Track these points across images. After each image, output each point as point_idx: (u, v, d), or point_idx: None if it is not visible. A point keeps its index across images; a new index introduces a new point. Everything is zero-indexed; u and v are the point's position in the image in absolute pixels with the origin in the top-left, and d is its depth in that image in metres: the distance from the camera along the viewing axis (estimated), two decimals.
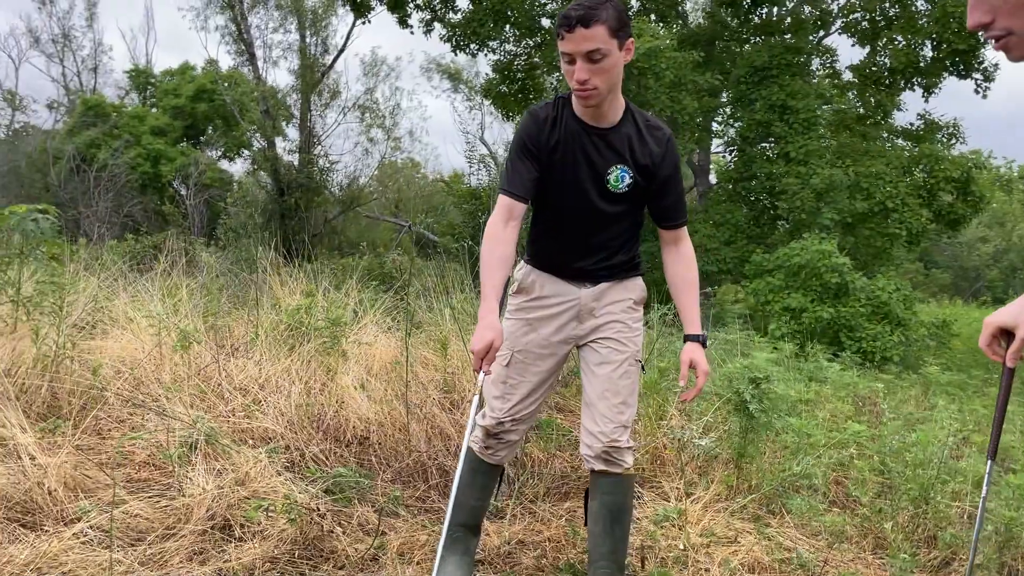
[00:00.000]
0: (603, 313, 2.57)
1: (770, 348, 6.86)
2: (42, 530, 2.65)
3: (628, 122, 2.47)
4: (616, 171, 2.46)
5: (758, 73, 14.14)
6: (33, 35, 34.91)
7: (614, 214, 2.52)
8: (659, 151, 2.48)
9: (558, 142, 2.43)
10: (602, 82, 2.30)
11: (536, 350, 2.56)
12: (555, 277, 2.59)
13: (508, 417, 2.57)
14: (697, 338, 2.56)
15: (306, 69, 24.87)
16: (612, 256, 2.58)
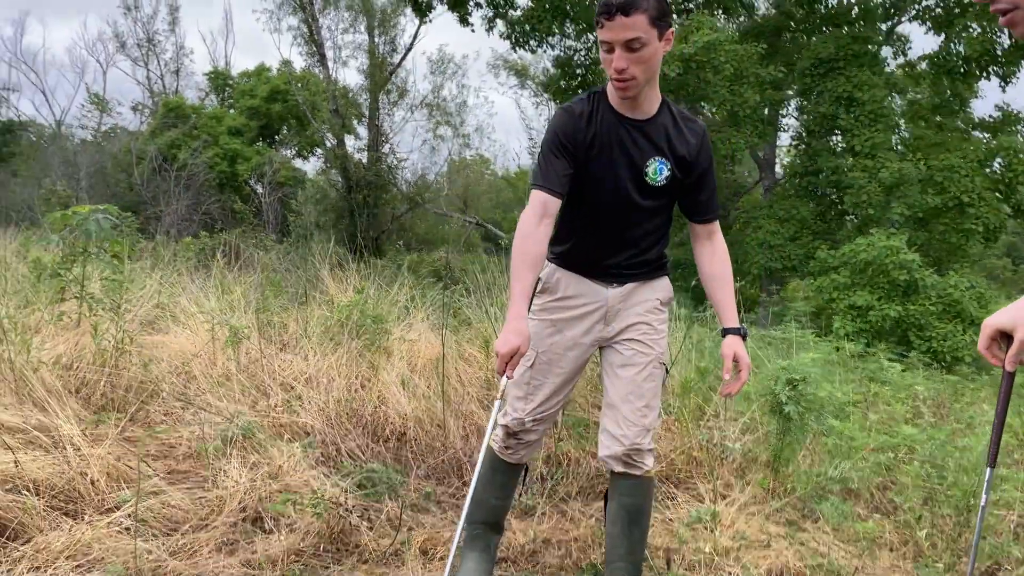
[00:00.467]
0: (629, 314, 2.54)
1: (831, 347, 6.69)
2: (82, 518, 2.78)
3: (664, 113, 2.44)
4: (654, 163, 2.43)
5: (824, 65, 13.75)
6: (119, 40, 36.32)
7: (650, 208, 2.49)
8: (695, 143, 2.46)
9: (595, 136, 2.40)
10: (640, 72, 2.27)
11: (560, 352, 2.54)
12: (581, 277, 2.56)
13: (530, 418, 2.57)
14: (737, 331, 2.53)
15: (374, 68, 25.26)
16: (643, 253, 2.55)
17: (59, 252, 4.99)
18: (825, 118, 13.70)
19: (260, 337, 4.82)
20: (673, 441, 3.93)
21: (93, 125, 34.84)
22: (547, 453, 3.83)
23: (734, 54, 12.00)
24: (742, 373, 2.51)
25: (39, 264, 5.25)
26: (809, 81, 14.07)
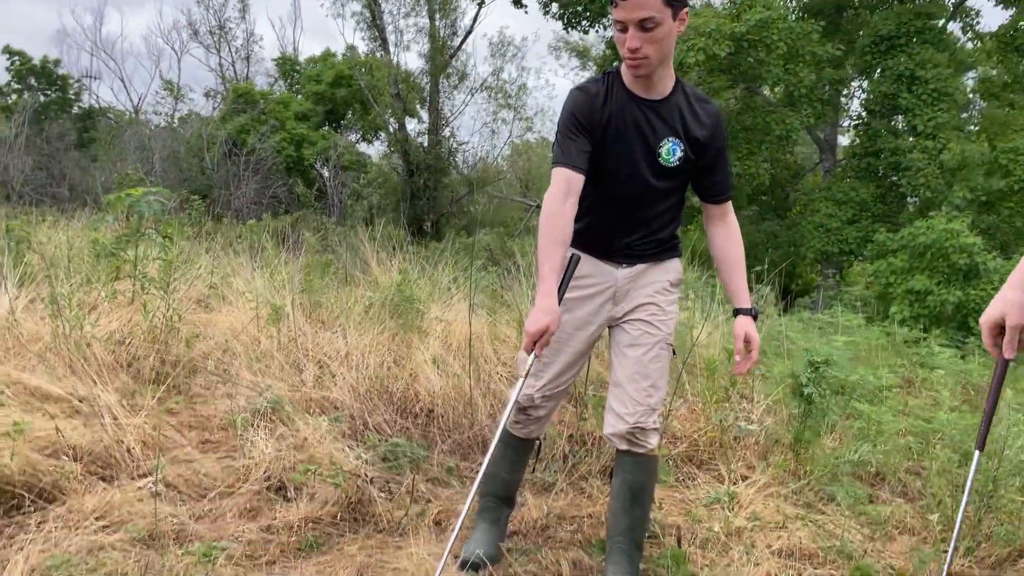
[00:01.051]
0: (638, 294, 2.57)
1: (881, 332, 6.57)
2: (115, 483, 2.95)
3: (679, 94, 2.45)
4: (668, 144, 2.44)
5: (885, 42, 13.28)
6: (192, 28, 37.24)
7: (663, 189, 2.51)
8: (709, 124, 2.47)
9: (610, 116, 2.41)
10: (654, 51, 2.29)
11: (570, 331, 2.58)
12: (592, 257, 2.59)
13: (539, 394, 2.63)
14: (749, 311, 2.56)
15: (435, 52, 25.42)
16: (655, 233, 2.57)
17: (115, 232, 5.22)
18: (886, 97, 13.26)
19: (300, 315, 4.98)
20: (696, 422, 3.94)
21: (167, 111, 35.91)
22: (570, 432, 3.88)
23: (788, 32, 11.70)
24: (752, 353, 2.53)
25: (97, 244, 5.51)
26: (869, 59, 13.62)
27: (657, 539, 2.95)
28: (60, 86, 35.64)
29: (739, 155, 13.31)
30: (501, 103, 27.88)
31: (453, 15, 26.10)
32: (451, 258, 6.84)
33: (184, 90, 35.38)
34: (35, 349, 4.05)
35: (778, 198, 15.93)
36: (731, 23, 12.00)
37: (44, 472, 2.87)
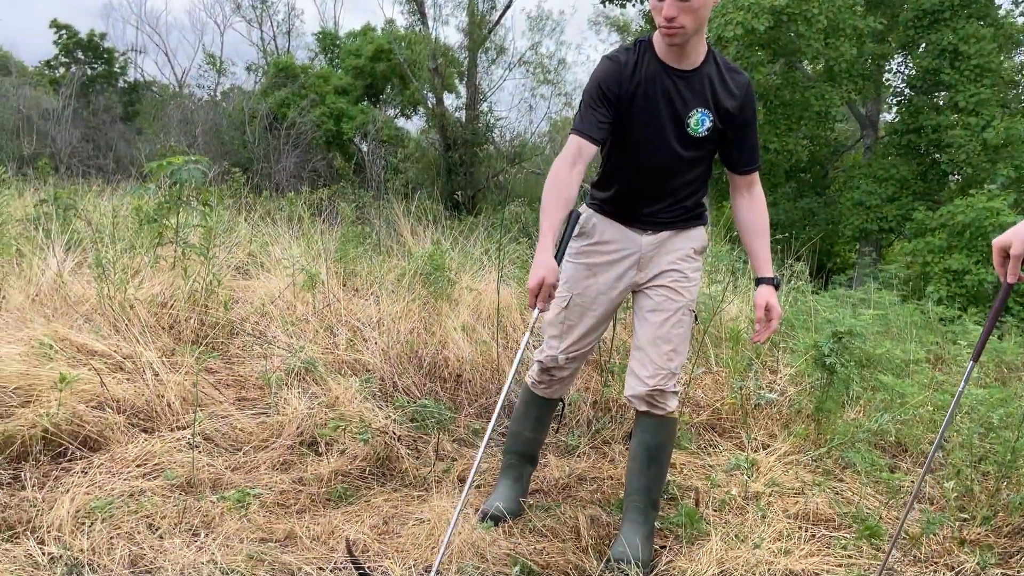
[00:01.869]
0: (662, 261, 2.62)
1: (914, 309, 6.52)
2: (157, 435, 3.09)
3: (710, 64, 2.48)
4: (697, 114, 2.47)
5: (928, 16, 12.97)
6: (235, 2, 37.56)
7: (690, 159, 2.54)
8: (740, 94, 2.48)
9: (638, 85, 2.45)
10: (690, 21, 2.32)
11: (594, 295, 2.64)
12: (618, 223, 2.64)
13: (563, 355, 2.70)
14: (771, 280, 2.58)
15: (474, 26, 25.37)
16: (681, 202, 2.61)
17: (157, 199, 5.38)
18: (928, 73, 12.98)
19: (335, 283, 5.11)
20: (720, 391, 3.99)
21: (210, 85, 36.32)
22: (595, 398, 3.96)
23: (829, 4, 11.49)
24: (772, 322, 2.56)
25: (140, 211, 5.68)
26: (912, 33, 13.33)
27: (675, 500, 3.02)
28: (106, 59, 36.15)
29: (778, 131, 13.15)
30: (539, 79, 27.77)
31: None
32: (484, 231, 6.93)
33: (227, 63, 35.71)
34: (81, 311, 4.22)
35: (817, 175, 15.69)
36: None
37: (89, 423, 3.02)
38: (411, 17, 27.49)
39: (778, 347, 4.51)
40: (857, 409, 3.92)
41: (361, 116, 28.10)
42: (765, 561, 2.47)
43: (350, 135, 28.33)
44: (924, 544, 2.73)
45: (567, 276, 2.66)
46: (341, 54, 32.75)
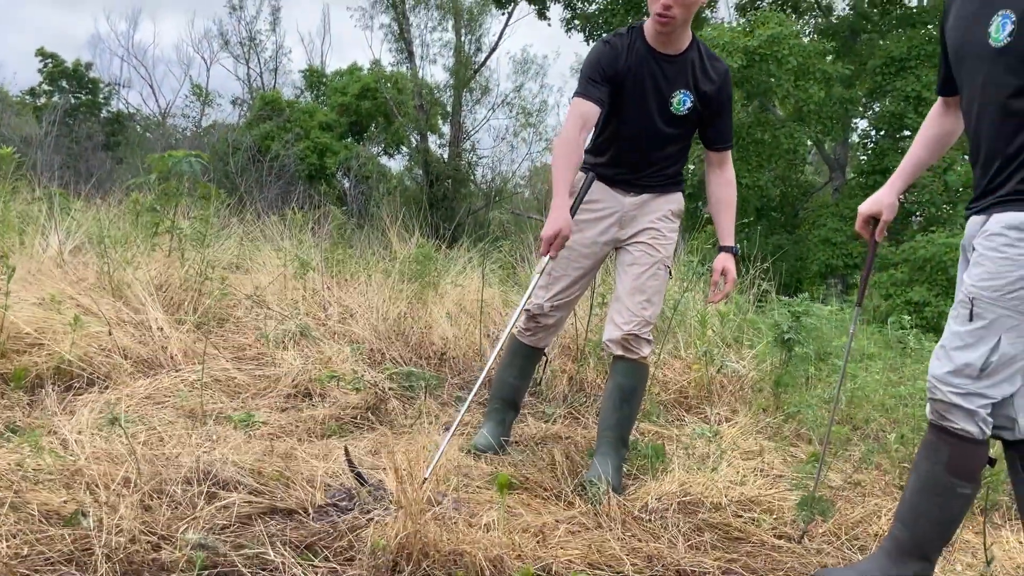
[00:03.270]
0: (642, 220, 2.89)
1: (874, 330, 6.84)
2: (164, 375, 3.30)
3: (693, 50, 2.79)
4: (679, 95, 2.78)
5: (895, 64, 13.68)
6: (224, 38, 38.02)
7: (672, 135, 2.84)
8: (717, 80, 2.80)
9: (629, 67, 2.75)
10: (681, 12, 2.63)
11: (580, 248, 2.90)
12: (604, 185, 2.91)
13: (548, 304, 2.96)
14: (731, 249, 2.89)
15: (460, 66, 25.98)
16: (664, 169, 2.91)
17: (156, 191, 5.60)
18: (894, 116, 13.64)
19: (326, 275, 5.35)
20: (687, 373, 4.26)
21: (195, 116, 36.58)
22: (570, 375, 4.20)
23: (799, 48, 12.12)
24: (727, 285, 2.87)
25: (138, 203, 5.90)
26: (880, 80, 14.02)
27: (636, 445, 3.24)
28: (91, 89, 36.39)
29: (749, 167, 13.73)
30: (522, 122, 28.39)
31: (479, 32, 26.71)
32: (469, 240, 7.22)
33: (213, 95, 36.02)
34: (82, 287, 4.42)
35: (788, 215, 16.31)
36: (744, 37, 12.44)
37: (98, 364, 3.23)
38: (399, 55, 28.10)
39: (742, 341, 4.80)
40: (813, 394, 4.20)
41: (345, 152, 28.46)
42: (722, 487, 2.72)
43: (333, 170, 28.66)
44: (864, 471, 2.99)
45: None
46: (327, 91, 33.24)
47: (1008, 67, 1.88)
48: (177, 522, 1.92)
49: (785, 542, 2.44)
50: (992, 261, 1.91)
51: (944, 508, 2.02)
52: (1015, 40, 1.86)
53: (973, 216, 2.03)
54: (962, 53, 2.02)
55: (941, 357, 1.99)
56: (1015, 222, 1.88)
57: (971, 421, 1.96)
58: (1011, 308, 1.88)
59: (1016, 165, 1.90)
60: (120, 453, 2.24)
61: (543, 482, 2.67)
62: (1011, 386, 1.95)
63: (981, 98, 1.97)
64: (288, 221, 6.32)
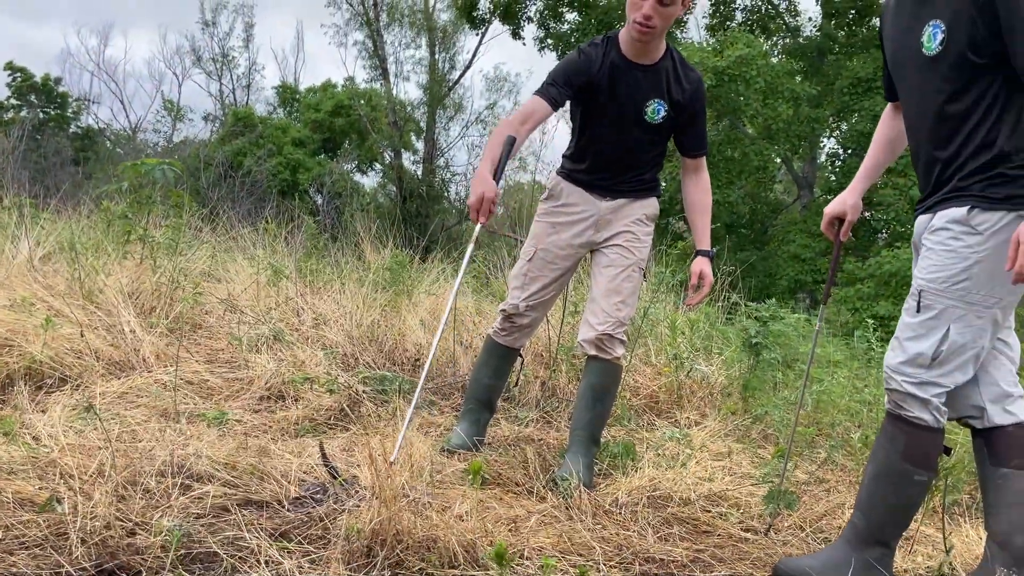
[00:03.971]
0: (617, 224, 2.95)
1: (840, 343, 6.96)
2: (136, 376, 3.29)
3: (667, 60, 2.85)
4: (653, 104, 2.84)
5: (862, 84, 14.04)
6: (196, 54, 37.89)
7: (648, 141, 2.91)
8: (690, 89, 2.86)
9: (602, 75, 2.81)
10: (661, 24, 2.69)
11: (555, 250, 2.97)
12: (581, 189, 2.97)
13: (524, 304, 3.00)
14: (707, 253, 2.95)
15: (434, 84, 26.12)
16: (640, 175, 2.97)
17: (128, 199, 5.58)
18: (861, 136, 13.96)
19: (300, 283, 5.35)
20: (658, 379, 4.32)
21: (166, 131, 36.38)
22: (543, 381, 4.25)
23: (767, 68, 12.39)
24: (704, 288, 2.93)
25: (109, 212, 5.87)
26: (847, 99, 14.36)
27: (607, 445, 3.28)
28: (59, 104, 36.06)
29: (719, 184, 13.97)
30: None
31: (452, 49, 26.90)
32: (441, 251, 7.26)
33: (184, 110, 35.83)
34: (53, 292, 4.39)
35: (757, 232, 16.60)
36: (714, 58, 12.70)
37: (69, 365, 3.22)
38: (373, 72, 28.19)
39: (711, 349, 4.87)
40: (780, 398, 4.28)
41: (318, 168, 28.43)
42: (690, 484, 2.77)
43: (306, 186, 28.59)
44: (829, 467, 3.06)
45: (534, 233, 3.01)
46: (300, 108, 33.23)
47: (941, 74, 1.98)
48: (151, 511, 1.94)
49: (752, 534, 2.49)
50: (937, 254, 2.00)
51: (901, 495, 2.08)
52: (946, 48, 1.95)
53: (921, 215, 2.12)
54: (898, 61, 2.13)
55: (895, 348, 2.08)
56: (957, 216, 1.97)
57: (926, 409, 2.03)
58: (957, 299, 1.96)
59: (955, 167, 2.00)
60: (94, 446, 2.25)
61: (516, 478, 2.70)
62: (963, 374, 2.02)
63: (918, 105, 2.07)
64: (261, 231, 6.32)
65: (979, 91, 1.94)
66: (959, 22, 1.92)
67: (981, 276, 1.94)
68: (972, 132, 1.96)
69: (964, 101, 1.96)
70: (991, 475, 2.08)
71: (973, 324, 1.97)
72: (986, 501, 2.11)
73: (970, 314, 1.97)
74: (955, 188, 1.99)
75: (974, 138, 1.96)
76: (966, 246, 1.95)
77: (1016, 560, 2.01)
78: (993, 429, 2.09)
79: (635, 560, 2.12)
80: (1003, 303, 1.98)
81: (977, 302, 1.96)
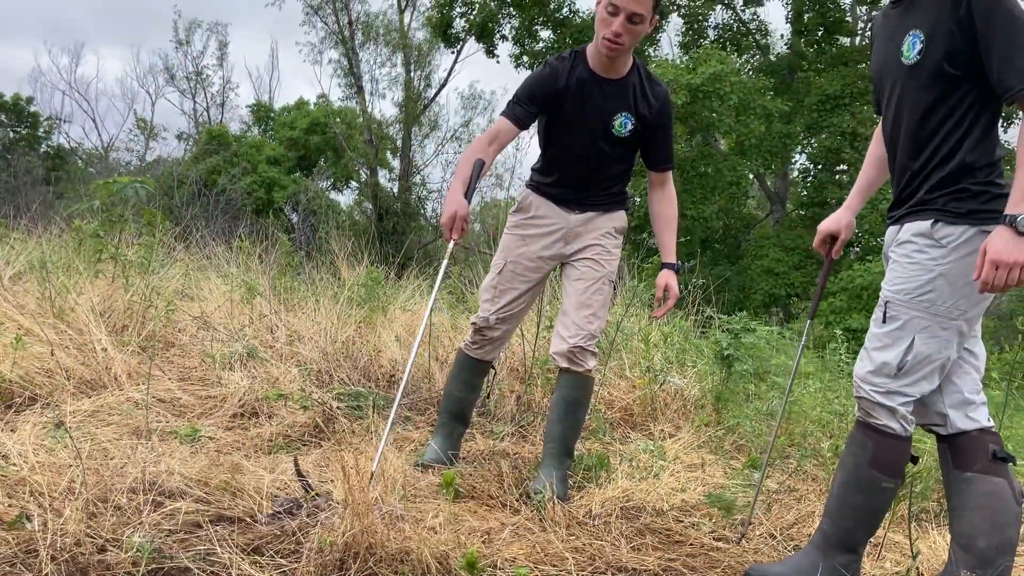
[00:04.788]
0: (587, 237, 2.97)
1: (814, 355, 7.03)
2: (108, 394, 3.27)
3: (634, 74, 2.89)
4: (620, 118, 2.87)
5: (831, 101, 14.30)
6: (169, 72, 37.73)
7: (614, 156, 2.93)
8: (656, 104, 2.90)
9: (568, 90, 2.84)
10: (629, 41, 2.73)
11: (525, 262, 2.99)
12: (551, 202, 3.00)
13: (495, 316, 3.01)
14: (672, 266, 2.98)
15: (409, 102, 26.17)
16: (607, 189, 2.99)
17: (99, 217, 5.54)
18: (831, 151, 14.20)
19: (274, 300, 5.34)
20: (632, 392, 4.35)
21: (139, 150, 36.14)
22: (518, 395, 4.26)
23: (739, 85, 12.59)
24: (670, 300, 2.95)
25: (80, 231, 5.83)
26: (816, 116, 14.61)
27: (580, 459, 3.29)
28: (30, 123, 35.72)
29: (693, 199, 14.14)
30: None
31: (428, 67, 26.99)
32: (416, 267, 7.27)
33: (157, 129, 35.63)
34: (23, 311, 4.35)
35: (731, 247, 16.79)
36: (688, 75, 12.88)
37: (40, 385, 3.19)
38: (348, 90, 28.19)
39: (685, 362, 4.92)
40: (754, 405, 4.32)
41: (293, 186, 28.33)
42: (663, 494, 2.79)
43: (281, 204, 28.47)
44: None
45: (504, 245, 3.02)
46: (275, 126, 33.14)
47: (918, 83, 2.02)
48: (123, 527, 1.93)
49: (723, 543, 2.51)
50: (903, 267, 2.05)
51: (868, 502, 2.12)
52: (924, 58, 2.00)
53: (891, 226, 2.18)
54: (882, 72, 2.17)
55: (863, 358, 2.12)
56: (922, 230, 2.02)
57: (893, 418, 2.07)
58: (922, 310, 2.01)
59: (922, 177, 2.05)
60: (64, 464, 2.23)
61: (490, 491, 2.71)
62: (929, 384, 2.07)
63: (895, 114, 2.11)
64: (235, 249, 6.30)
65: (953, 102, 1.98)
66: (938, 33, 1.96)
67: (945, 288, 1.99)
68: (941, 143, 2.00)
69: (938, 112, 2.00)
70: (955, 479, 2.13)
71: (938, 335, 2.02)
72: (950, 505, 2.15)
73: (935, 325, 2.01)
74: (920, 201, 2.04)
75: (941, 149, 2.01)
76: (930, 259, 2.00)
77: (980, 562, 2.05)
78: (957, 435, 2.13)
79: (608, 570, 2.13)
80: (968, 315, 2.02)
81: (942, 313, 2.00)
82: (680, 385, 4.08)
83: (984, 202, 1.97)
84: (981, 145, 1.98)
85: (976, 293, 1.98)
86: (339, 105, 30.49)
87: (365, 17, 27.96)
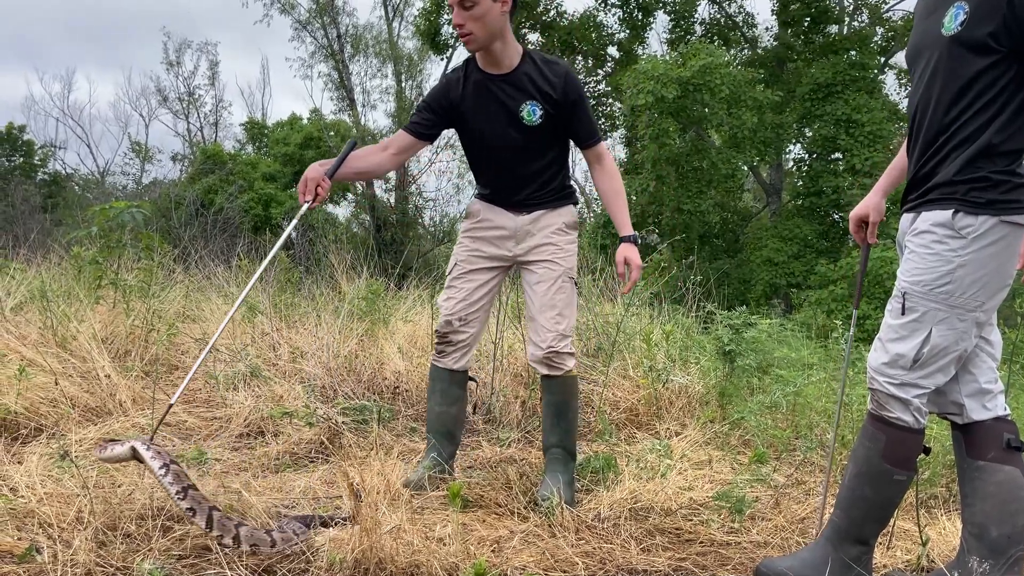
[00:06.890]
0: (538, 236, 2.95)
1: (817, 345, 7.03)
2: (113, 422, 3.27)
3: (527, 63, 2.85)
4: (527, 106, 2.84)
5: (823, 89, 14.31)
6: (162, 94, 37.87)
7: (535, 147, 2.90)
8: (558, 81, 2.83)
9: (465, 95, 2.85)
10: (478, 28, 2.69)
11: (477, 260, 2.99)
12: (497, 207, 3.00)
13: (454, 316, 2.98)
14: (630, 238, 2.92)
15: (402, 112, 26.20)
16: (545, 186, 2.96)
17: (97, 243, 5.56)
18: (826, 140, 14.20)
19: (275, 317, 5.35)
20: (636, 392, 4.35)
21: (135, 173, 36.22)
22: (523, 401, 4.27)
23: (730, 77, 12.59)
24: (633, 273, 2.87)
25: (79, 258, 5.84)
26: (809, 105, 14.61)
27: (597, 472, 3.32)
28: (25, 152, 35.82)
29: (690, 193, 14.15)
30: (463, 164, 28.65)
31: (419, 76, 27.02)
32: (416, 278, 7.28)
33: (152, 151, 35.72)
34: (25, 342, 4.36)
35: (729, 241, 16.79)
36: (678, 69, 12.88)
37: (45, 414, 3.20)
38: (340, 103, 28.24)
39: (687, 359, 4.92)
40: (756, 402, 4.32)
41: (290, 201, 28.34)
42: (671, 494, 2.80)
43: (279, 220, 28.51)
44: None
45: (455, 251, 3.05)
46: (269, 143, 33.19)
47: (957, 56, 1.96)
48: (132, 555, 1.93)
49: (733, 539, 2.52)
50: (921, 257, 2.02)
51: (880, 494, 2.11)
52: (965, 29, 1.94)
53: (906, 213, 2.15)
54: (919, 48, 2.10)
55: (878, 349, 2.10)
56: (942, 219, 1.98)
57: (906, 411, 2.06)
58: (940, 302, 1.99)
59: (942, 156, 2.00)
60: (72, 493, 2.24)
61: (498, 499, 2.71)
62: (944, 376, 2.05)
63: (926, 87, 2.05)
64: (235, 268, 6.31)
65: (989, 79, 1.94)
66: (986, 6, 1.91)
67: (964, 279, 1.97)
68: (970, 120, 1.96)
69: (973, 87, 1.95)
70: (968, 468, 2.12)
71: (955, 327, 2.00)
72: (963, 493, 2.15)
73: (952, 317, 1.99)
74: (937, 186, 2.01)
75: (969, 126, 1.96)
76: (950, 249, 1.97)
77: (992, 551, 2.04)
78: (972, 424, 2.13)
79: (618, 573, 2.14)
80: (986, 306, 2.00)
81: (960, 305, 1.99)
82: (684, 383, 4.08)
83: (1005, 192, 1.94)
84: (1009, 127, 1.94)
85: (994, 284, 1.97)
86: (331, 119, 30.56)
87: (354, 30, 28.05)
